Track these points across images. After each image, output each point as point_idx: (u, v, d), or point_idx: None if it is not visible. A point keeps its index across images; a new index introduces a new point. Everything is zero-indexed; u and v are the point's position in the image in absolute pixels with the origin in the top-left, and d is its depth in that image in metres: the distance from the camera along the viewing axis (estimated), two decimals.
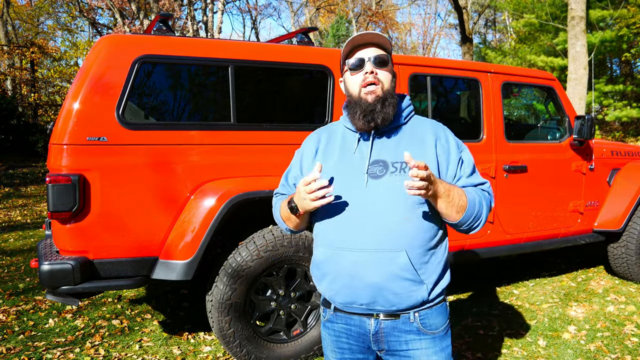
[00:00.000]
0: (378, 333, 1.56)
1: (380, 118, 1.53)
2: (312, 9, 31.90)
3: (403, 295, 1.50)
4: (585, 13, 10.24)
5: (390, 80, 1.57)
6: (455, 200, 1.48)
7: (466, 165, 1.62)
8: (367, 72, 1.54)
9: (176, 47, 2.94)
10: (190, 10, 19.33)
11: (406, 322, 1.54)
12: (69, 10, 23.99)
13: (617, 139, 15.82)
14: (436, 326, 1.58)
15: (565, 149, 4.23)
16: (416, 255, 1.50)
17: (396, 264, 1.48)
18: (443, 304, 1.62)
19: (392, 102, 1.55)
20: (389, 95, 1.55)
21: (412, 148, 1.53)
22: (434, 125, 1.66)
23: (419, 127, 1.64)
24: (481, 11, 27.27)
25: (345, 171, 1.57)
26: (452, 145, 1.61)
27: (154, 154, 2.84)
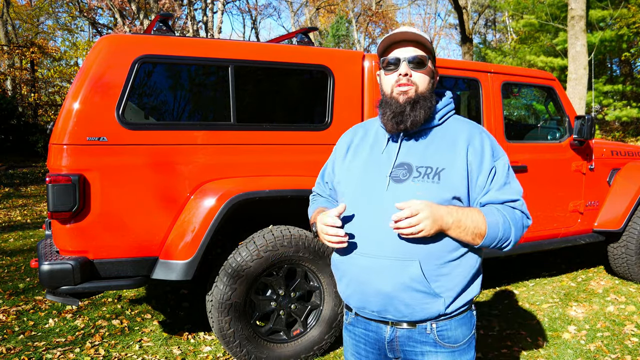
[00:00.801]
0: (393, 341, 1.49)
1: (410, 121, 1.45)
2: (312, 9, 31.90)
3: (415, 307, 1.43)
4: (585, 13, 10.24)
5: (427, 82, 1.49)
6: (470, 228, 1.39)
7: (499, 176, 1.48)
8: (402, 74, 1.46)
9: (176, 47, 2.94)
10: (190, 10, 19.33)
11: (422, 333, 1.46)
12: (69, 10, 23.99)
13: (617, 138, 15.82)
14: (456, 339, 1.47)
15: (565, 149, 4.23)
16: (431, 267, 1.41)
17: (407, 274, 1.40)
18: (467, 314, 1.51)
19: (424, 105, 1.46)
20: (422, 97, 1.47)
21: (440, 152, 1.46)
22: (470, 128, 1.53)
23: (453, 129, 1.52)
24: (481, 11, 27.27)
25: (370, 172, 1.51)
26: (487, 151, 1.47)
27: (154, 154, 2.84)
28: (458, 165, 1.44)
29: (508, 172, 1.50)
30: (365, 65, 3.41)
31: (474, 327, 1.54)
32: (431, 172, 1.43)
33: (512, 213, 1.46)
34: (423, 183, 1.42)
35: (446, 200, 1.42)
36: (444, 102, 1.56)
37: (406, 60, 1.46)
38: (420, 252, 1.40)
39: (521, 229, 1.48)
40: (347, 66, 3.33)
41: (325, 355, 3.27)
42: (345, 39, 29.14)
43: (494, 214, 1.43)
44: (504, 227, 1.43)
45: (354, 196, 1.52)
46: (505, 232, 1.44)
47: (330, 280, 3.15)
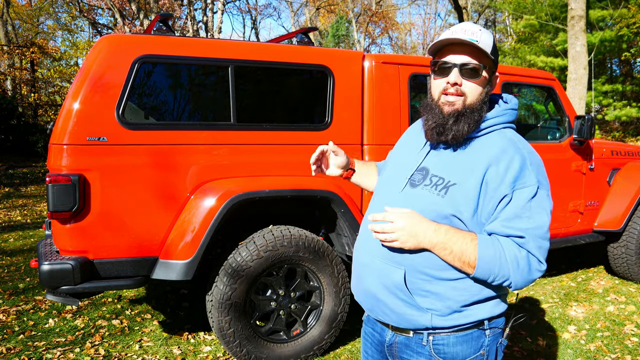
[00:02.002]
0: (392, 346, 1.46)
1: (451, 135, 1.34)
2: (312, 9, 31.90)
3: (400, 314, 1.38)
4: (585, 13, 10.25)
5: (478, 93, 1.35)
6: (456, 254, 1.28)
7: (514, 206, 1.28)
8: (450, 82, 1.34)
9: (176, 47, 2.94)
10: (190, 10, 19.34)
11: (419, 343, 1.39)
12: (69, 10, 23.98)
13: (617, 138, 15.83)
14: (453, 356, 1.36)
15: (565, 149, 4.23)
16: (416, 280, 1.35)
17: (391, 279, 1.37)
18: (472, 333, 1.37)
19: (471, 118, 1.34)
20: (469, 110, 1.34)
21: (460, 166, 1.35)
22: (506, 146, 1.34)
23: (490, 143, 1.36)
24: (481, 11, 27.27)
25: (398, 170, 1.49)
26: (510, 175, 1.29)
27: (154, 154, 2.84)
28: (470, 184, 1.31)
29: (530, 204, 1.28)
30: (365, 65, 3.41)
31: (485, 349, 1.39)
32: (441, 184, 1.35)
33: (515, 250, 1.28)
34: (429, 193, 1.36)
35: (444, 216, 1.33)
36: (493, 112, 1.41)
37: (457, 67, 1.34)
38: (406, 261, 1.36)
39: (527, 272, 1.28)
40: (347, 66, 3.33)
41: (325, 355, 3.27)
42: (345, 39, 29.14)
43: (490, 246, 1.28)
44: (500, 264, 1.27)
45: (377, 191, 1.54)
46: (502, 270, 1.28)
47: (330, 280, 3.15)
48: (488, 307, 1.38)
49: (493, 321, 1.41)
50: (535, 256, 1.29)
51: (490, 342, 1.40)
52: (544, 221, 1.30)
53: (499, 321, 1.43)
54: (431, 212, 1.34)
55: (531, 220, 1.28)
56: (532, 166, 1.31)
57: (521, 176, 1.30)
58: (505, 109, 1.42)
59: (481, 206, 1.32)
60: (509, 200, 1.29)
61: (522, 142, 1.39)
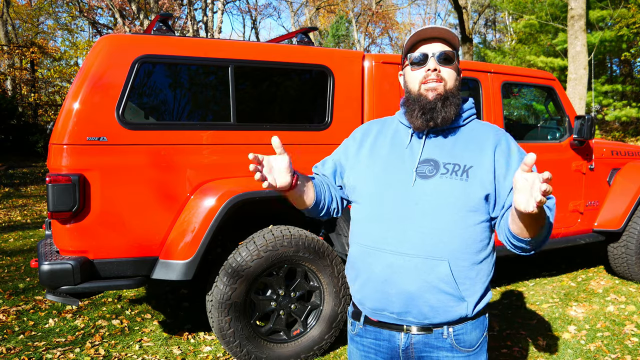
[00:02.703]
0: (409, 349, 1.44)
1: (440, 118, 1.42)
2: (312, 9, 31.90)
3: (439, 309, 1.39)
4: (585, 13, 10.25)
5: (454, 79, 1.46)
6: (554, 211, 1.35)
7: None
8: (430, 70, 1.43)
9: (176, 47, 2.94)
10: (190, 10, 19.34)
11: (439, 338, 1.42)
12: (69, 10, 23.99)
13: (617, 138, 15.83)
14: (470, 343, 1.44)
15: (565, 149, 4.23)
16: (460, 267, 1.38)
17: (435, 274, 1.36)
18: (481, 318, 1.48)
19: (454, 102, 1.44)
20: (450, 94, 1.44)
21: (468, 151, 1.44)
22: (495, 129, 1.51)
23: (478, 130, 1.50)
24: (481, 11, 27.28)
25: (393, 166, 1.47)
26: (514, 150, 1.44)
27: (154, 154, 2.84)
28: (486, 164, 1.41)
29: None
30: (365, 65, 3.41)
31: (486, 329, 1.51)
32: (459, 170, 1.39)
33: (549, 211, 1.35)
34: (451, 180, 1.38)
35: (476, 199, 1.38)
36: (467, 104, 1.54)
37: (434, 56, 1.43)
38: (448, 251, 1.37)
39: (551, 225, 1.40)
40: (347, 66, 3.33)
41: (325, 355, 3.27)
42: (345, 39, 29.15)
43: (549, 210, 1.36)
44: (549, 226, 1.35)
45: (375, 190, 1.47)
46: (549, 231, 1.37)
47: (330, 280, 3.15)
48: (490, 290, 1.50)
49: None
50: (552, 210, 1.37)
51: (487, 322, 1.53)
52: None
53: None
54: (460, 197, 1.38)
55: None
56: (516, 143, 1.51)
57: (520, 150, 1.47)
58: (472, 103, 1.57)
59: (499, 181, 1.41)
60: None
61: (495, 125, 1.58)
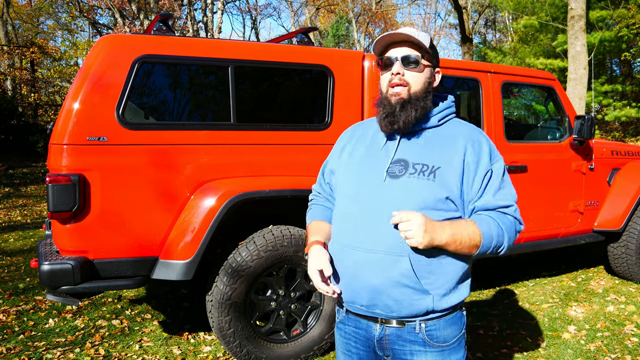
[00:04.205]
0: (382, 340, 1.50)
1: (401, 121, 1.46)
2: (312, 9, 31.90)
3: (404, 302, 1.43)
4: (585, 13, 10.24)
5: (421, 82, 1.49)
6: (465, 242, 1.40)
7: (495, 181, 1.47)
8: (394, 73, 1.48)
9: (176, 47, 2.94)
10: (190, 10, 19.34)
11: (411, 332, 1.46)
12: (69, 10, 23.98)
13: (617, 138, 15.83)
14: (445, 339, 1.48)
15: (565, 149, 4.23)
16: (421, 263, 1.42)
17: (397, 269, 1.41)
18: (456, 314, 1.51)
19: (417, 105, 1.47)
20: (414, 98, 1.47)
21: (437, 151, 1.47)
22: (470, 130, 1.53)
23: (453, 130, 1.52)
24: (481, 11, 27.28)
25: (367, 166, 1.53)
26: (485, 152, 1.47)
27: (154, 154, 2.84)
28: (455, 165, 1.45)
29: (503, 176, 1.49)
30: (365, 65, 3.41)
31: (464, 327, 1.55)
32: (427, 170, 1.44)
33: (506, 220, 1.47)
34: (418, 180, 1.43)
35: (440, 200, 1.43)
36: (444, 104, 1.56)
37: (399, 60, 1.48)
38: (407, 248, 1.41)
39: (514, 235, 1.48)
40: (347, 66, 3.33)
41: (325, 355, 3.27)
42: (345, 39, 29.15)
43: (487, 223, 1.44)
44: (498, 235, 1.44)
45: (351, 190, 1.54)
46: (499, 239, 1.45)
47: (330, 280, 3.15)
48: (464, 287, 1.52)
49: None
50: (517, 219, 1.49)
51: (465, 320, 1.56)
52: (512, 188, 1.51)
53: None
54: (426, 197, 1.42)
55: (508, 189, 1.49)
56: (493, 145, 1.53)
57: (492, 153, 1.50)
58: (450, 102, 1.58)
59: (467, 183, 1.46)
60: (491, 174, 1.47)
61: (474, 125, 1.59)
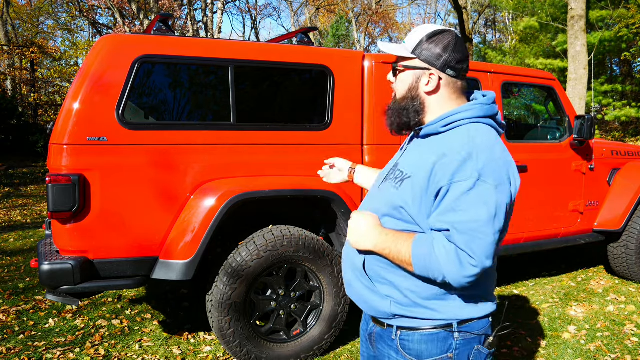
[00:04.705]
0: (371, 335, 1.55)
1: (388, 127, 1.54)
2: (312, 9, 31.89)
3: (365, 300, 1.48)
4: (585, 13, 10.25)
5: (402, 89, 1.47)
6: (394, 256, 1.35)
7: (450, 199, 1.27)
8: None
9: (176, 47, 2.94)
10: (190, 10, 19.34)
11: (389, 337, 1.46)
12: (69, 10, 23.99)
13: (617, 138, 15.83)
14: (418, 354, 1.39)
15: (565, 149, 4.23)
16: (374, 267, 1.44)
17: (355, 266, 1.50)
18: (438, 334, 1.37)
19: (398, 113, 1.48)
20: (397, 105, 1.49)
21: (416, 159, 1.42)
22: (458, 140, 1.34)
23: (445, 139, 1.37)
24: (481, 11, 27.27)
25: (383, 170, 1.63)
26: (450, 168, 1.28)
27: (154, 154, 2.84)
28: (419, 178, 1.34)
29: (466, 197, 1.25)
30: (365, 65, 3.40)
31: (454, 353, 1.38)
32: (399, 177, 1.43)
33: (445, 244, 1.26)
34: (389, 185, 1.46)
35: (395, 207, 1.39)
36: (459, 109, 1.41)
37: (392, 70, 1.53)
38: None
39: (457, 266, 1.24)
40: (347, 66, 3.33)
41: (325, 355, 3.27)
42: (345, 39, 29.15)
43: (424, 244, 1.30)
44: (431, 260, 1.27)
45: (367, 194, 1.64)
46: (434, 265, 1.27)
47: (330, 280, 3.15)
48: (455, 307, 1.37)
49: (466, 324, 1.38)
50: (464, 251, 1.24)
51: (460, 346, 1.37)
52: (479, 215, 1.24)
53: (474, 326, 1.39)
54: (387, 203, 1.43)
55: (465, 213, 1.25)
56: (478, 160, 1.27)
57: (461, 169, 1.27)
58: (473, 104, 1.42)
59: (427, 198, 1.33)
60: (446, 192, 1.28)
61: (483, 137, 1.34)
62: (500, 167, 1.30)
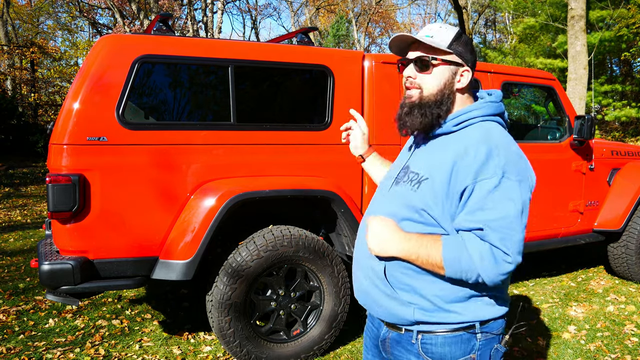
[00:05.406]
0: (385, 341, 1.49)
1: (407, 127, 1.43)
2: (312, 9, 31.89)
3: (386, 307, 1.42)
4: (585, 13, 10.25)
5: (433, 86, 1.40)
6: (424, 260, 1.31)
7: (476, 198, 1.27)
8: (405, 76, 1.45)
9: (176, 47, 2.94)
10: (190, 10, 19.35)
11: (408, 341, 1.41)
12: (69, 10, 23.99)
13: (617, 138, 15.83)
14: (441, 356, 1.37)
15: (565, 149, 4.23)
16: (396, 273, 1.38)
17: (375, 273, 1.43)
18: (461, 335, 1.36)
19: (425, 111, 1.39)
20: (424, 102, 1.39)
21: (432, 160, 1.39)
22: (477, 138, 1.33)
23: (462, 138, 1.37)
24: (481, 11, 27.26)
25: (390, 172, 1.58)
26: (472, 167, 1.28)
27: (154, 154, 2.84)
28: (440, 177, 1.32)
29: (493, 195, 1.26)
30: (365, 65, 3.40)
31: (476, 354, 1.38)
32: (415, 179, 1.39)
33: (479, 245, 1.26)
34: (404, 188, 1.42)
35: (416, 210, 1.36)
36: (469, 107, 1.42)
37: (412, 62, 1.43)
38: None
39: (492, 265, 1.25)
40: (347, 66, 3.33)
41: (325, 355, 3.27)
42: (345, 39, 29.15)
43: (454, 245, 1.28)
44: (465, 261, 1.26)
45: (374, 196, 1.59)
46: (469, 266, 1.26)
47: (330, 280, 3.15)
48: (477, 308, 1.36)
49: (486, 325, 1.38)
50: (499, 248, 1.25)
51: (482, 346, 1.38)
52: (508, 211, 1.26)
53: (494, 326, 1.40)
54: (405, 206, 1.39)
55: (494, 211, 1.26)
56: (499, 157, 1.28)
57: (485, 167, 1.27)
58: (484, 102, 1.43)
59: (450, 199, 1.32)
60: (471, 192, 1.28)
61: (499, 134, 1.36)
62: (519, 162, 1.32)
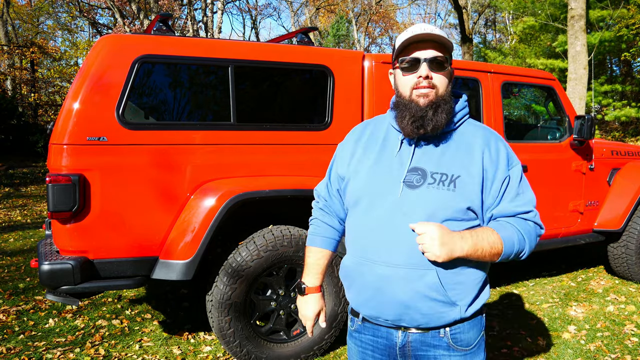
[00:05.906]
0: (405, 346, 1.46)
1: (431, 126, 1.38)
2: (312, 9, 31.90)
3: (432, 316, 1.40)
4: (585, 13, 10.25)
5: (446, 85, 1.42)
6: (487, 250, 1.37)
7: (513, 186, 1.42)
8: (422, 77, 1.39)
9: (176, 47, 2.94)
10: (190, 10, 19.34)
11: (435, 337, 1.43)
12: (69, 10, 23.98)
13: (617, 138, 15.83)
14: (468, 342, 1.45)
15: (565, 149, 4.23)
16: (448, 274, 1.38)
17: (424, 283, 1.36)
18: (478, 317, 1.49)
19: (445, 109, 1.40)
20: (442, 101, 1.40)
21: (456, 158, 1.41)
22: (485, 133, 1.47)
23: (468, 133, 1.46)
24: (481, 11, 27.25)
25: (381, 175, 1.44)
26: (502, 159, 1.42)
27: (154, 154, 2.84)
28: (474, 173, 1.40)
29: (521, 181, 1.44)
30: (365, 65, 3.41)
31: (484, 328, 1.53)
32: (447, 179, 1.37)
33: (526, 225, 1.43)
34: (438, 190, 1.37)
35: (461, 210, 1.37)
36: (460, 105, 1.49)
37: (427, 62, 1.39)
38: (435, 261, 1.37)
39: (535, 239, 1.45)
40: (347, 66, 3.33)
41: (325, 355, 3.27)
42: (345, 39, 29.15)
43: (507, 230, 1.40)
44: (519, 241, 1.41)
45: (368, 201, 1.45)
46: (520, 245, 1.41)
47: (330, 280, 3.15)
48: (486, 291, 1.50)
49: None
50: (538, 224, 1.46)
51: (484, 321, 1.54)
52: (531, 192, 1.47)
53: None
54: (444, 207, 1.37)
55: (527, 194, 1.45)
56: (508, 148, 1.48)
57: (510, 158, 1.45)
58: (464, 102, 1.52)
59: (486, 190, 1.42)
60: (509, 181, 1.43)
61: (489, 127, 1.54)
62: None
